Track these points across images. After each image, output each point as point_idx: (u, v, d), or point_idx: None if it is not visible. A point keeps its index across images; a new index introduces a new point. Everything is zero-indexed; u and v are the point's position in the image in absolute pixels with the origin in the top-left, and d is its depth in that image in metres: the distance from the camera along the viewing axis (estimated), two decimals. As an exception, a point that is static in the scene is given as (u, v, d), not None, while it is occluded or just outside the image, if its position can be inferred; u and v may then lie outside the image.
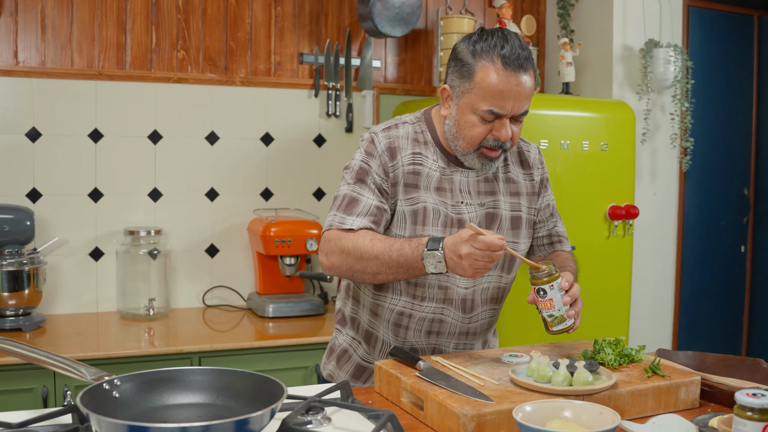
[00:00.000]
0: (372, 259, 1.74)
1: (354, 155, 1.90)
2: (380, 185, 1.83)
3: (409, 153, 1.86)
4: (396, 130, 1.88)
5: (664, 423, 1.46)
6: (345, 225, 1.80)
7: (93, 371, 1.39)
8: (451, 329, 1.94)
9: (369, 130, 1.91)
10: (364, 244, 1.74)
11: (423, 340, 1.93)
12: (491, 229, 1.91)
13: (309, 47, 3.55)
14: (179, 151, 3.34)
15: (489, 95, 1.74)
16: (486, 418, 1.43)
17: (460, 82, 1.79)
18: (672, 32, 3.69)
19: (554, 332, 1.79)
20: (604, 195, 3.15)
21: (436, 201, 1.85)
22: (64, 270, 3.17)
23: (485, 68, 1.73)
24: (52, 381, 2.53)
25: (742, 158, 4.07)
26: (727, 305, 4.09)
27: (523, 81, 1.75)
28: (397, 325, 1.92)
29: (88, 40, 3.17)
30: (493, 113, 1.76)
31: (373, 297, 1.94)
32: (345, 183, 1.87)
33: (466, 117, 1.79)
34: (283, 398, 1.26)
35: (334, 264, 1.80)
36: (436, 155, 1.88)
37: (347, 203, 1.83)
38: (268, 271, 3.34)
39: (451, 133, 1.84)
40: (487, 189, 1.91)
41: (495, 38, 1.75)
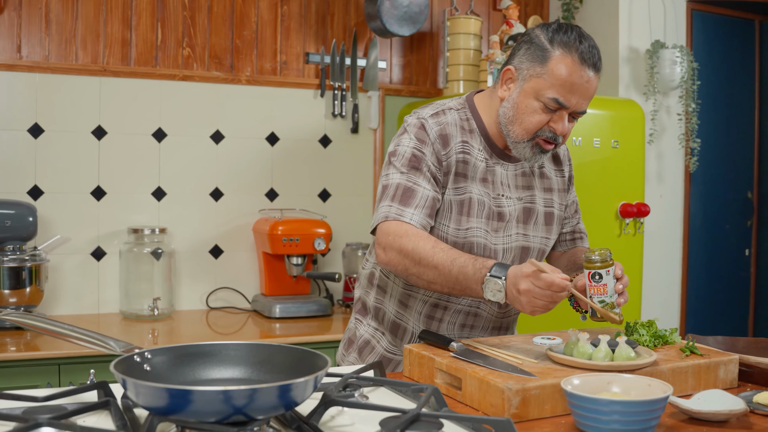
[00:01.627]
0: (431, 268, 1.65)
1: (400, 141, 1.81)
2: (435, 174, 1.77)
3: (459, 141, 1.80)
4: (444, 116, 1.81)
5: (710, 398, 1.42)
6: (403, 218, 1.72)
7: (123, 344, 1.34)
8: (485, 323, 1.90)
9: (415, 114, 1.83)
10: (425, 250, 1.66)
11: (456, 333, 1.89)
12: (528, 225, 1.87)
13: (315, 47, 3.52)
14: (184, 149, 3.29)
15: (559, 84, 1.70)
16: (531, 392, 1.38)
17: (530, 65, 1.74)
18: (676, 35, 3.70)
19: (600, 319, 1.74)
20: (616, 192, 3.13)
21: (481, 192, 1.80)
22: (66, 270, 3.09)
23: (562, 57, 1.70)
24: (56, 377, 2.46)
25: (745, 161, 4.07)
26: (733, 308, 4.08)
27: (592, 79, 1.72)
28: (430, 317, 1.87)
29: (92, 35, 3.12)
30: (558, 103, 1.71)
31: (404, 287, 1.88)
32: (396, 171, 1.77)
33: (527, 101, 1.74)
34: (327, 368, 1.21)
35: (390, 260, 1.72)
36: (481, 145, 1.83)
37: (402, 193, 1.74)
38: (274, 271, 3.28)
39: (507, 117, 1.78)
40: (525, 183, 1.88)
41: (574, 33, 1.72)
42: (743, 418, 1.40)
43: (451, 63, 3.56)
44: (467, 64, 3.53)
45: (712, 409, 1.37)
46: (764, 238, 4.07)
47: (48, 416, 1.15)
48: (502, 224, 1.82)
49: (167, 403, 1.11)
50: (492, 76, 3.34)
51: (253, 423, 1.14)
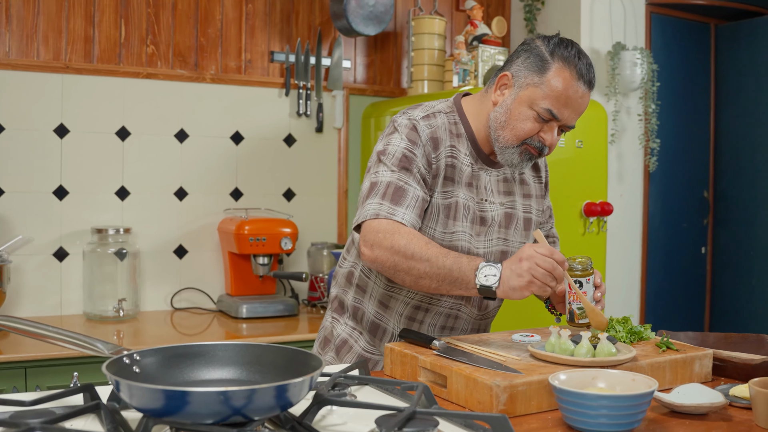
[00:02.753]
0: (423, 261, 1.65)
1: (391, 140, 1.80)
2: (424, 176, 1.77)
3: (448, 145, 1.81)
4: (435, 120, 1.82)
5: (689, 392, 1.45)
6: (395, 217, 1.71)
7: (110, 346, 1.31)
8: (465, 325, 1.92)
9: (405, 114, 1.83)
10: (419, 245, 1.66)
11: (436, 334, 1.90)
12: (509, 229, 1.90)
13: (280, 46, 3.50)
14: (148, 148, 3.24)
15: (554, 96, 1.73)
16: (518, 389, 1.40)
17: (528, 74, 1.76)
18: (636, 37, 3.78)
19: (578, 324, 1.80)
20: (580, 192, 3.18)
21: (467, 197, 1.82)
22: (27, 271, 3.02)
23: (561, 70, 1.73)
24: (23, 381, 2.40)
25: (701, 161, 4.18)
26: (690, 303, 4.18)
27: (586, 95, 1.76)
28: (411, 318, 1.88)
29: (54, 31, 3.05)
30: (551, 114, 1.74)
31: (385, 288, 1.88)
32: (387, 169, 1.77)
33: (521, 109, 1.77)
34: (322, 368, 1.21)
35: (378, 258, 1.70)
36: (468, 150, 1.84)
37: (394, 192, 1.74)
38: (240, 271, 3.25)
39: (498, 122, 1.79)
40: (506, 189, 1.90)
41: (574, 49, 1.76)
42: (722, 410, 1.44)
43: (415, 63, 3.58)
44: (432, 64, 3.55)
45: (693, 403, 1.40)
46: (719, 236, 4.19)
47: (39, 420, 1.13)
48: (484, 228, 1.85)
49: (163, 405, 1.10)
50: (458, 77, 3.37)
51: (250, 424, 1.13)
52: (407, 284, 1.73)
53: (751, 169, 4.03)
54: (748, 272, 4.04)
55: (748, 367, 1.68)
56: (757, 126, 4.00)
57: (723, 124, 4.17)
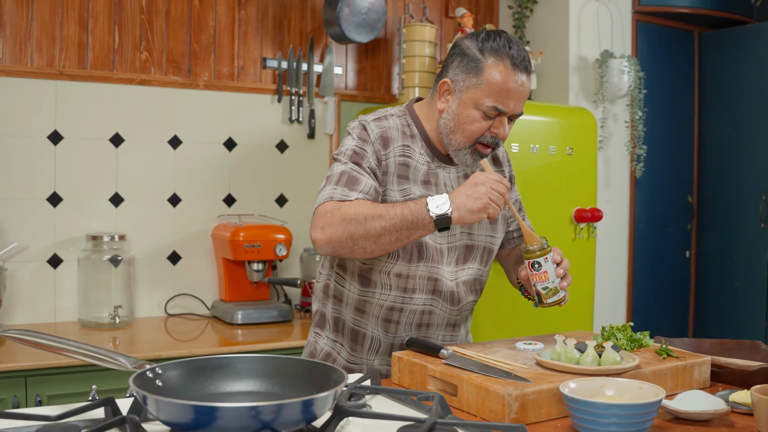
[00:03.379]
0: (376, 218, 1.69)
1: (344, 142, 1.88)
2: (375, 170, 1.83)
3: (399, 145, 1.87)
4: (386, 121, 1.89)
5: (692, 398, 1.50)
6: (349, 198, 1.76)
7: (132, 360, 1.33)
8: (440, 320, 1.95)
9: (357, 119, 1.91)
10: (366, 207, 1.71)
11: (413, 333, 1.94)
12: (472, 224, 1.95)
13: (272, 52, 3.52)
14: (141, 154, 3.24)
15: (495, 92, 1.79)
16: (529, 397, 1.44)
17: (465, 77, 1.82)
18: (623, 44, 3.84)
19: (547, 304, 1.83)
20: (570, 198, 3.23)
21: (423, 194, 1.87)
22: (21, 278, 3.01)
23: (495, 65, 1.78)
24: (23, 390, 2.40)
25: (685, 166, 4.25)
26: (675, 307, 4.25)
27: (526, 82, 1.82)
28: (387, 320, 1.91)
29: (48, 38, 3.05)
30: (496, 110, 1.80)
31: (359, 293, 1.91)
32: (339, 164, 1.84)
33: (467, 111, 1.82)
34: (345, 381, 1.24)
35: (332, 236, 1.72)
36: (423, 149, 1.91)
37: (347, 179, 1.79)
38: (234, 277, 3.27)
39: (448, 128, 1.86)
40: None
41: (503, 39, 1.81)
42: (725, 417, 1.48)
43: (406, 70, 3.61)
44: (422, 71, 3.59)
45: (697, 410, 1.45)
46: (703, 240, 4.27)
47: (65, 435, 1.15)
48: None
49: (193, 420, 1.12)
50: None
51: (276, 437, 1.16)
52: (369, 250, 1.74)
53: (734, 174, 4.11)
54: (731, 275, 4.11)
55: (746, 373, 1.73)
56: (740, 132, 4.08)
57: (707, 130, 4.25)
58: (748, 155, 4.03)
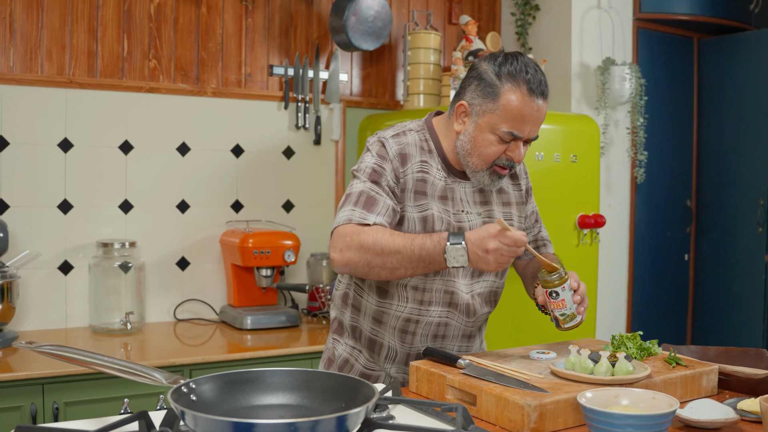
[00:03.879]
0: (393, 253, 1.75)
1: (363, 158, 1.92)
2: (393, 188, 1.87)
3: (417, 161, 1.91)
4: (405, 137, 1.93)
5: (702, 407, 1.55)
6: (367, 221, 1.80)
7: (166, 375, 1.37)
8: (455, 332, 2.00)
9: (376, 135, 1.95)
10: (384, 239, 1.75)
11: (429, 343, 1.98)
12: None
13: (279, 59, 3.56)
14: (150, 162, 3.28)
15: (512, 118, 1.82)
16: (547, 407, 1.49)
17: (482, 102, 1.84)
18: (624, 51, 3.90)
19: (566, 329, 1.89)
20: (574, 204, 3.29)
21: (440, 209, 1.91)
22: (32, 285, 3.05)
23: (511, 91, 1.81)
24: (40, 398, 2.44)
25: (685, 171, 4.32)
26: (674, 310, 4.32)
27: (542, 107, 1.85)
28: (404, 331, 1.96)
29: (58, 46, 3.08)
30: (512, 135, 1.83)
31: (377, 305, 1.96)
32: (359, 182, 1.88)
33: (484, 135, 1.86)
34: (377, 396, 1.28)
35: (349, 260, 1.78)
36: (439, 165, 1.94)
37: (366, 200, 1.84)
38: (243, 283, 3.31)
39: (465, 150, 1.89)
40: (482, 199, 2.00)
41: (520, 63, 1.83)
42: (735, 425, 1.54)
43: (411, 77, 3.66)
44: (427, 78, 3.63)
45: (709, 419, 1.50)
46: (701, 244, 4.33)
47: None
48: None
49: (231, 434, 1.16)
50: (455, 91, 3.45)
51: (311, 450, 1.20)
52: (383, 277, 1.81)
53: (732, 178, 4.17)
54: (729, 278, 4.18)
55: (752, 381, 1.78)
56: (738, 137, 4.14)
57: (705, 136, 4.31)
58: (747, 160, 4.09)
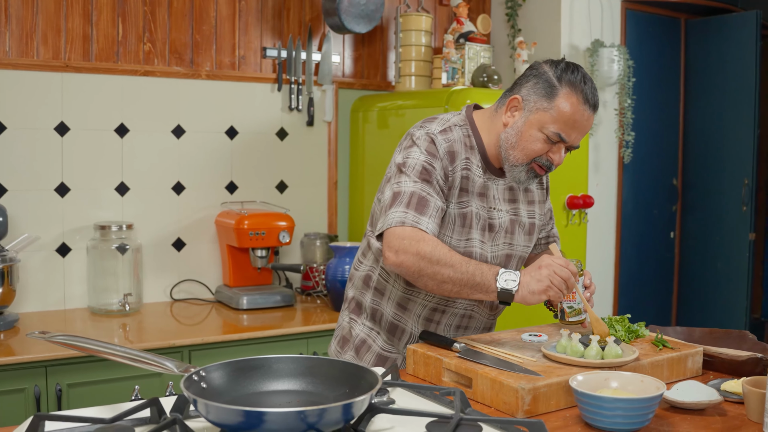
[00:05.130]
0: (448, 266, 1.78)
1: (410, 153, 1.91)
2: (442, 187, 1.89)
3: (463, 158, 1.93)
4: (452, 134, 1.94)
5: (687, 388, 1.63)
6: (420, 225, 1.83)
7: (177, 363, 1.43)
8: (477, 324, 2.08)
9: (423, 128, 1.95)
10: (443, 252, 1.79)
11: (452, 333, 2.05)
12: (514, 234, 2.04)
13: (272, 42, 3.58)
14: (146, 144, 3.31)
15: (562, 120, 1.85)
16: (540, 390, 1.56)
17: (537, 99, 1.88)
18: (612, 33, 3.94)
19: (569, 323, 1.97)
20: (563, 185, 3.35)
21: (478, 206, 1.95)
22: (31, 267, 3.09)
23: (568, 95, 1.85)
24: (44, 380, 2.50)
25: (671, 151, 4.39)
26: (659, 287, 4.41)
27: (591, 117, 1.89)
28: (429, 320, 2.02)
29: (53, 30, 3.10)
30: (559, 137, 1.87)
31: (404, 291, 2.00)
32: (409, 180, 1.88)
33: (531, 132, 1.89)
34: (380, 384, 1.35)
35: (403, 263, 1.81)
36: (479, 162, 1.97)
37: (418, 202, 1.85)
38: (238, 263, 3.36)
39: (509, 143, 1.91)
40: (511, 197, 2.04)
41: (580, 74, 1.88)
42: (718, 405, 1.62)
43: (403, 59, 3.69)
44: (419, 60, 3.67)
45: (693, 400, 1.58)
46: (687, 222, 4.42)
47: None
48: (492, 234, 1.99)
49: (242, 422, 1.23)
50: (447, 74, 3.49)
51: (318, 436, 1.27)
52: (429, 288, 1.86)
53: (718, 157, 4.25)
54: (714, 256, 4.27)
55: (735, 362, 1.86)
56: (723, 117, 4.21)
57: (692, 116, 4.38)
58: (732, 140, 4.17)
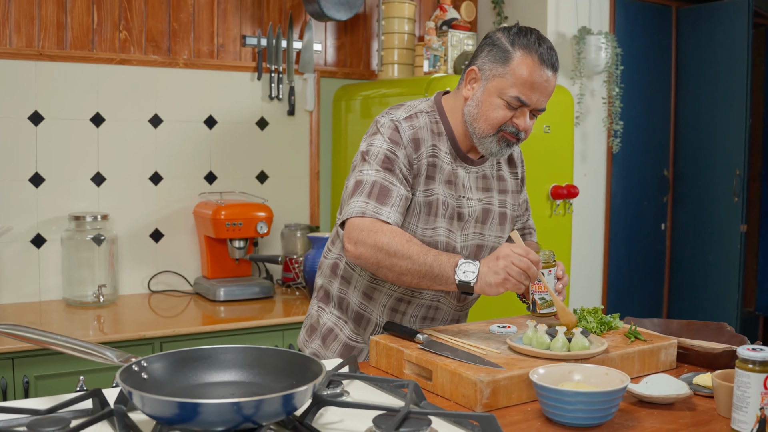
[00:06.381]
0: (405, 258, 1.74)
1: (374, 141, 1.88)
2: (406, 175, 1.85)
3: (429, 145, 1.89)
4: (417, 120, 1.90)
5: (657, 382, 1.57)
6: (381, 216, 1.79)
7: (118, 353, 1.38)
8: (445, 315, 2.02)
9: (389, 116, 1.90)
10: (401, 243, 1.74)
11: (418, 324, 2.00)
12: (485, 224, 1.99)
13: (251, 30, 3.52)
14: (122, 134, 3.26)
15: (520, 83, 1.82)
16: (500, 383, 1.50)
17: (492, 66, 1.85)
18: (601, 21, 3.87)
19: (541, 314, 1.91)
20: (546, 175, 3.29)
21: (446, 194, 1.90)
22: (5, 258, 3.04)
23: (523, 58, 1.81)
24: (10, 371, 2.45)
25: (662, 141, 4.32)
26: (650, 279, 4.35)
27: (551, 78, 1.85)
28: (394, 310, 1.97)
29: (26, 18, 3.04)
30: (519, 101, 1.83)
31: (369, 281, 1.96)
32: (371, 168, 1.84)
33: (491, 99, 1.85)
34: (323, 375, 1.29)
35: (361, 254, 1.78)
36: (448, 148, 1.93)
37: (379, 192, 1.81)
38: (216, 254, 3.31)
39: (472, 115, 1.88)
40: (484, 186, 1.99)
41: (533, 36, 1.84)
42: (688, 400, 1.56)
43: (385, 47, 3.63)
44: (402, 47, 3.61)
45: (661, 394, 1.52)
46: (678, 213, 4.35)
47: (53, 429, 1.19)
48: (461, 224, 1.94)
49: (177, 415, 1.17)
50: (428, 62, 3.43)
51: (258, 429, 1.21)
52: (390, 279, 1.81)
53: (709, 148, 4.18)
54: (705, 248, 4.21)
55: (710, 355, 1.80)
56: (715, 107, 4.14)
57: (683, 106, 4.31)
58: (723, 130, 4.10)
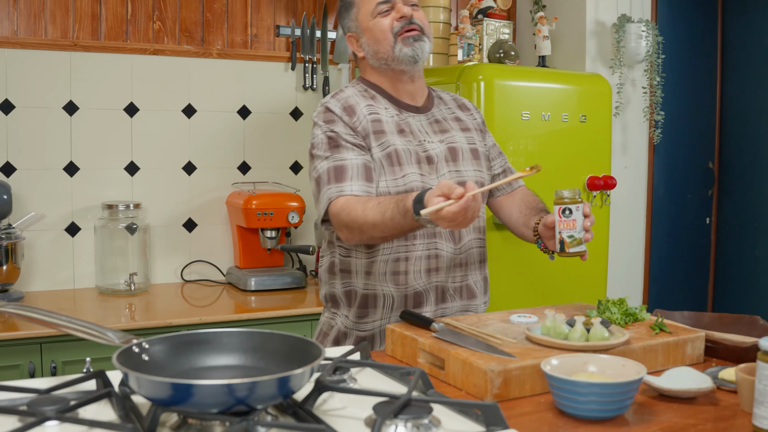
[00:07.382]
0: (372, 228, 1.79)
1: (313, 133, 1.96)
2: (354, 142, 1.90)
3: (364, 106, 1.96)
4: (344, 93, 1.99)
5: (679, 375, 1.50)
6: (344, 192, 1.85)
7: (120, 335, 1.37)
8: (447, 263, 2.00)
9: (318, 105, 1.99)
10: (359, 217, 1.79)
11: (424, 279, 1.97)
12: (457, 162, 2.01)
13: (285, 20, 3.51)
14: (156, 124, 3.28)
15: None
16: (512, 373, 1.46)
17: (348, 15, 2.02)
18: (642, 8, 3.76)
19: (569, 254, 1.83)
20: (583, 166, 3.21)
21: (402, 142, 1.94)
22: (40, 246, 3.09)
23: None
24: (38, 356, 2.48)
25: (707, 132, 4.18)
26: (694, 275, 4.22)
27: None
28: (396, 273, 1.96)
29: (61, 9, 3.08)
30: (384, 2, 1.95)
31: (367, 257, 1.97)
32: (320, 159, 1.91)
33: (369, 26, 1.97)
34: (322, 357, 1.26)
35: (347, 237, 1.87)
36: (387, 104, 1.99)
37: (335, 173, 1.87)
38: (248, 244, 3.31)
39: (373, 51, 1.99)
40: (441, 128, 2.04)
41: None
42: (710, 394, 1.48)
43: (422, 35, 3.57)
44: (437, 37, 3.55)
45: (681, 387, 1.45)
46: (724, 207, 4.21)
47: (52, 408, 1.19)
48: (433, 166, 1.96)
49: (171, 396, 1.15)
50: (462, 51, 3.38)
51: (254, 412, 1.19)
52: (386, 241, 1.89)
53: (758, 139, 4.02)
54: (752, 243, 4.06)
55: (739, 349, 1.72)
56: (764, 96, 3.98)
57: (729, 95, 4.16)
58: (772, 120, 3.94)
